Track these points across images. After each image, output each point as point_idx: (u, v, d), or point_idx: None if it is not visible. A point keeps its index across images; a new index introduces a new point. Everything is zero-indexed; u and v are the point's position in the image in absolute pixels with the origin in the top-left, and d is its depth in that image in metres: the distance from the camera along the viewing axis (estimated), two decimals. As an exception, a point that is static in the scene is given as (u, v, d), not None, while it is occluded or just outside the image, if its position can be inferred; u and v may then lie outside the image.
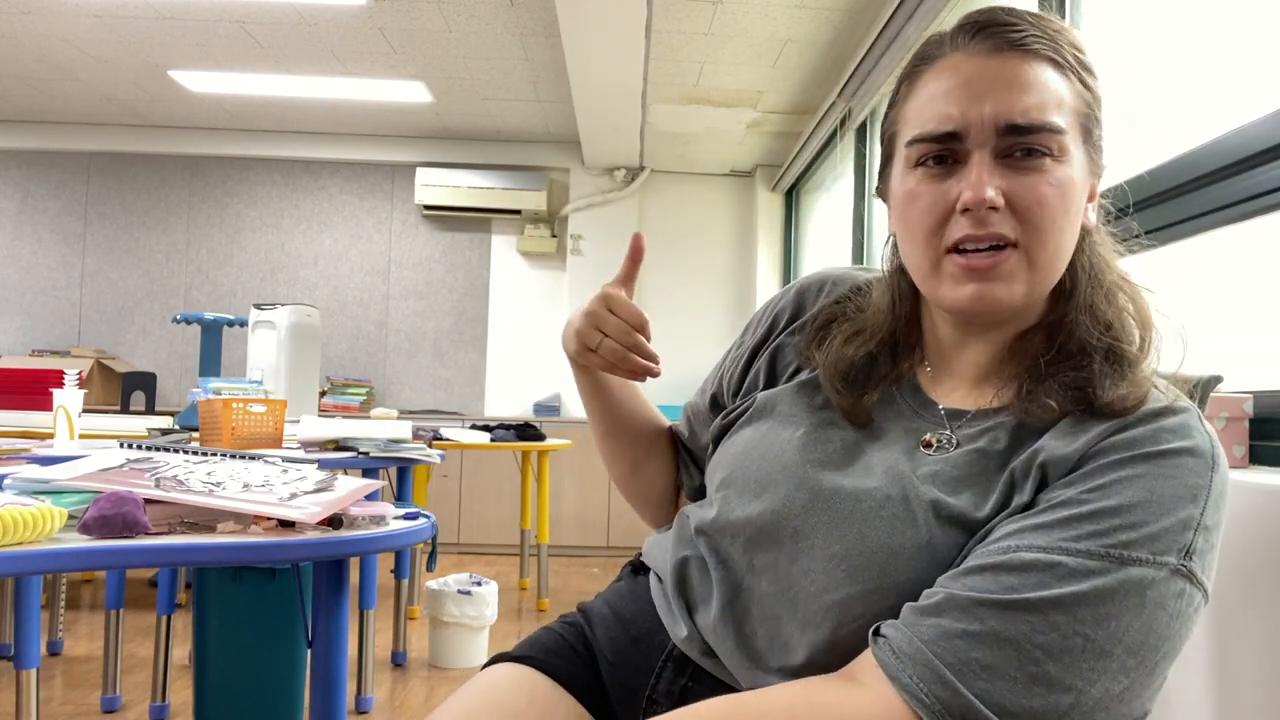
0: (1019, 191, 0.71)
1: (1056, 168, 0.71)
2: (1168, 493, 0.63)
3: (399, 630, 3.09)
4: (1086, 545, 0.62)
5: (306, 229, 5.94)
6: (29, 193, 5.87)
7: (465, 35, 4.21)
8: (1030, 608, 0.60)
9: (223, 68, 4.74)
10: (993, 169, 0.71)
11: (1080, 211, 0.75)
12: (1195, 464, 0.65)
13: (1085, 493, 0.64)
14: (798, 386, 0.86)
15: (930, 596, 0.65)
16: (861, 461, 0.77)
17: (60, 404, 2.19)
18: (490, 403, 5.91)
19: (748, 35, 4.01)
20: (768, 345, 0.93)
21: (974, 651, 0.60)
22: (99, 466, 1.24)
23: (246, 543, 1.11)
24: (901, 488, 0.73)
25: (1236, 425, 1.31)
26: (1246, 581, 1.11)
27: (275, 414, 2.44)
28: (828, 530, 0.73)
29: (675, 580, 0.85)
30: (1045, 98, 0.71)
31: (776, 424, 0.83)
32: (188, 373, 5.78)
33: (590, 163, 5.75)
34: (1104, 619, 0.60)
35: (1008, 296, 0.72)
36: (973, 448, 0.73)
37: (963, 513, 0.69)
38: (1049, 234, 0.71)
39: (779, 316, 0.94)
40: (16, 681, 1.67)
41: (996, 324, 0.78)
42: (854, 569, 0.70)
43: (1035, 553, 0.62)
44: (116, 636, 2.47)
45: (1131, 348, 0.73)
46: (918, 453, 0.76)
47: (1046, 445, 0.69)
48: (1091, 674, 0.59)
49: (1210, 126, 1.47)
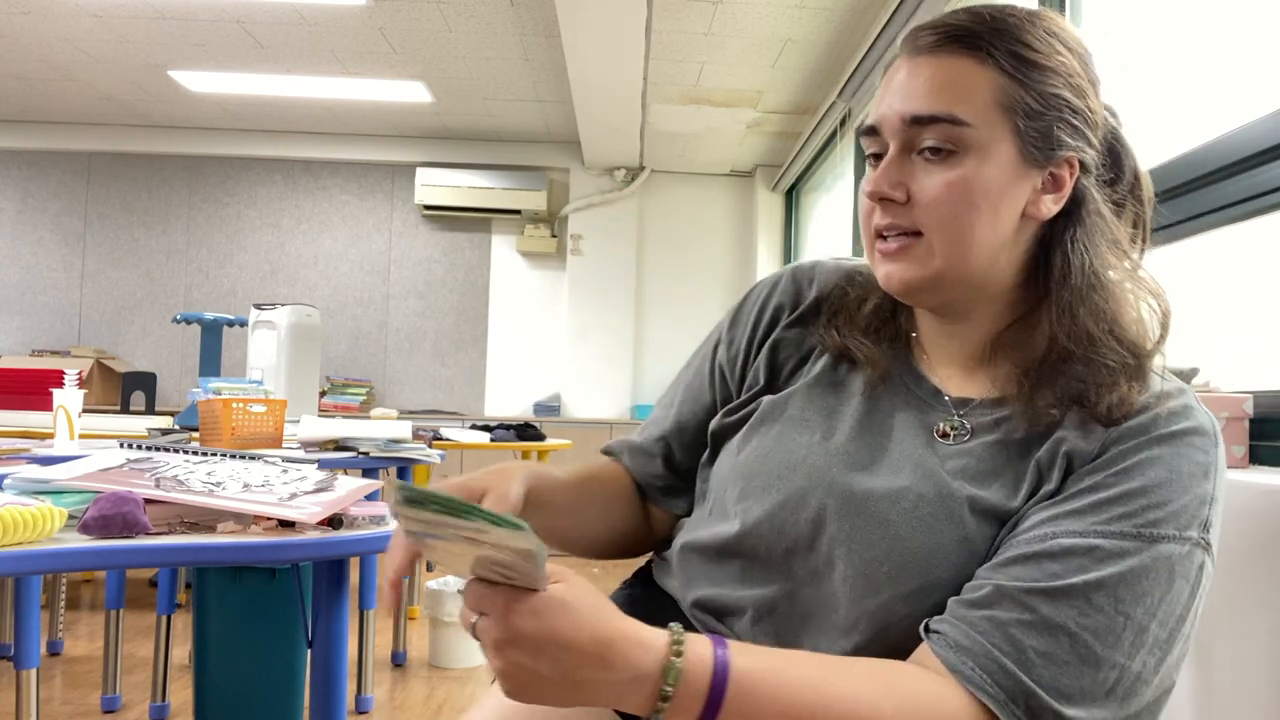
0: (920, 186, 0.74)
1: (962, 163, 0.73)
2: (1184, 471, 0.68)
3: (399, 630, 3.09)
4: (1119, 527, 0.65)
5: (306, 229, 5.94)
6: (29, 193, 5.87)
7: (465, 35, 4.21)
8: (1075, 593, 0.63)
9: (223, 68, 4.74)
10: (902, 163, 0.75)
11: (1004, 203, 0.74)
12: (1203, 442, 0.70)
13: (1110, 477, 0.68)
14: (807, 388, 0.85)
15: (977, 590, 0.67)
16: (887, 459, 0.77)
17: (60, 404, 2.19)
18: (490, 403, 5.91)
19: (748, 35, 4.01)
20: (767, 340, 0.90)
21: (1030, 639, 0.63)
22: (99, 466, 1.25)
23: (246, 543, 1.11)
24: (934, 485, 0.73)
25: (1236, 425, 1.31)
26: (1247, 581, 1.11)
27: (275, 414, 2.44)
28: (866, 534, 0.73)
29: (695, 603, 0.82)
30: (950, 93, 0.73)
31: (789, 428, 0.82)
32: (188, 373, 5.77)
33: (590, 163, 5.75)
34: (1140, 596, 0.64)
35: (913, 276, 0.75)
36: (992, 439, 0.75)
37: (997, 505, 0.71)
38: (948, 225, 0.73)
39: (780, 310, 0.91)
40: (16, 681, 1.67)
41: (963, 315, 0.79)
42: (895, 571, 0.71)
43: (1073, 538, 0.65)
44: (116, 636, 2.47)
45: (1122, 358, 0.72)
46: (936, 443, 0.77)
47: (1068, 436, 0.71)
48: (1133, 649, 0.63)
49: (1210, 127, 1.47)
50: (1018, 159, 0.74)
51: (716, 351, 0.94)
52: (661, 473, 0.94)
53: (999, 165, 0.74)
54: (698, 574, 0.83)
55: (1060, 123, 0.75)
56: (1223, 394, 1.35)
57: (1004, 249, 0.76)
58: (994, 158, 0.73)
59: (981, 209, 0.73)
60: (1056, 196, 0.76)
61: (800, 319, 0.90)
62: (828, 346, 0.86)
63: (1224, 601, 1.15)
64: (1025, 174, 0.75)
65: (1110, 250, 0.77)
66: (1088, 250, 0.76)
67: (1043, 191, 0.76)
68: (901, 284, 0.76)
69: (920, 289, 0.76)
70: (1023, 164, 0.74)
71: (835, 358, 0.86)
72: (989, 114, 0.73)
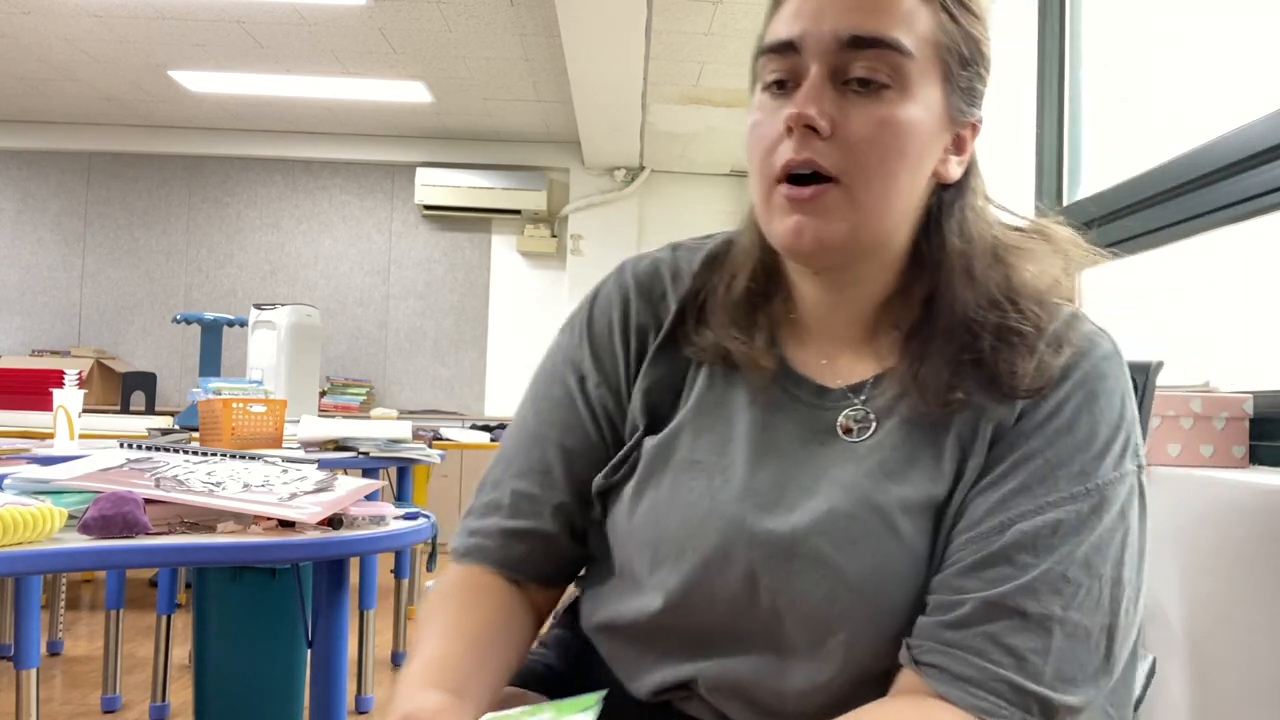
0: (847, 122, 0.64)
1: (896, 102, 0.65)
2: (1106, 406, 0.66)
3: (399, 630, 3.08)
4: (1069, 490, 0.64)
5: (306, 229, 5.94)
6: (29, 193, 5.87)
7: (465, 35, 4.21)
8: (1053, 578, 0.62)
9: (223, 68, 4.74)
10: (826, 91, 0.64)
11: (925, 157, 0.67)
12: (1110, 365, 0.68)
13: (1042, 440, 0.65)
14: (690, 419, 0.73)
15: (957, 606, 0.63)
16: (798, 483, 0.69)
17: (60, 404, 2.18)
18: (490, 403, 5.91)
19: (748, 35, 4.00)
20: (639, 374, 0.76)
21: (1027, 642, 0.61)
22: (99, 466, 1.24)
23: (246, 543, 1.11)
24: (858, 497, 0.66)
25: (1236, 425, 1.31)
26: (1246, 580, 1.11)
27: (275, 414, 2.44)
28: (804, 578, 0.65)
29: (652, 692, 0.72)
30: (892, 15, 0.64)
31: (682, 476, 0.71)
32: (188, 373, 5.77)
33: (590, 163, 5.75)
34: (1108, 553, 0.63)
35: (828, 233, 0.65)
36: (897, 421, 0.69)
37: (927, 497, 0.66)
38: (874, 173, 0.65)
39: (644, 332, 0.77)
40: (16, 681, 1.67)
41: (854, 282, 0.71)
42: (847, 607, 0.65)
43: (1030, 519, 0.63)
44: (116, 636, 2.47)
45: (1022, 323, 0.67)
46: (842, 442, 0.70)
47: (986, 406, 0.67)
48: (1114, 604, 0.63)
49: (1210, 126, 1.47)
50: (942, 110, 0.67)
51: (585, 388, 0.77)
52: (569, 554, 0.77)
53: (927, 111, 0.66)
54: (634, 659, 0.73)
55: (979, 79, 0.69)
56: (1223, 394, 1.35)
57: (912, 209, 0.69)
58: (922, 102, 0.66)
59: (909, 158, 0.66)
60: (960, 159, 0.70)
61: (669, 338, 0.76)
62: (704, 353, 0.74)
63: (1224, 601, 1.15)
64: (944, 128, 0.68)
65: (991, 221, 0.73)
66: (981, 222, 0.71)
67: (950, 152, 0.70)
68: (815, 242, 0.66)
69: (832, 249, 0.66)
70: (945, 116, 0.68)
71: (711, 369, 0.74)
72: (926, 50, 0.66)
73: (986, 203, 0.73)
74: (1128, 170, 1.68)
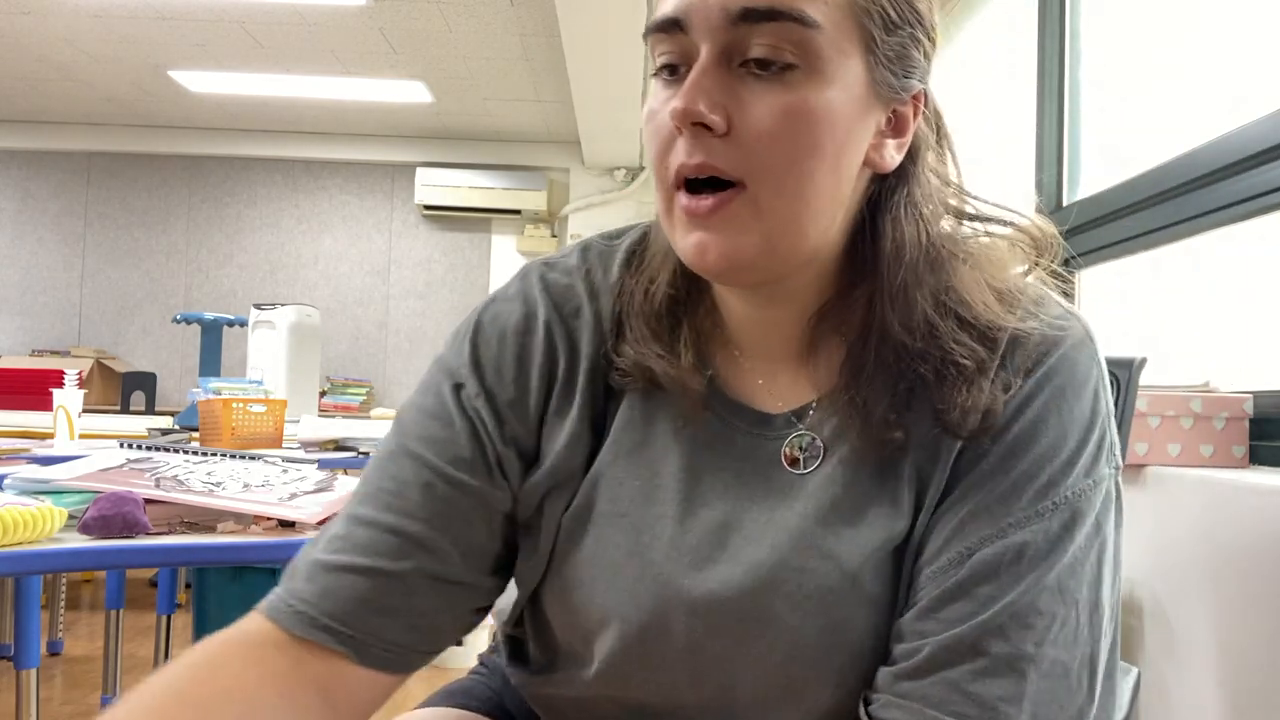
0: (745, 114, 0.54)
1: (804, 85, 0.53)
2: (1078, 404, 0.58)
3: (399, 630, 3.08)
4: (1037, 506, 0.55)
5: (306, 229, 5.94)
6: (29, 193, 5.87)
7: (465, 35, 4.21)
8: (1020, 611, 0.54)
9: (223, 68, 4.74)
10: (719, 77, 0.54)
11: (849, 147, 0.56)
12: (1082, 354, 0.59)
13: (1005, 455, 0.57)
14: (611, 462, 0.63)
15: (914, 653, 0.55)
16: (740, 533, 0.60)
17: (60, 404, 2.19)
18: (490, 403, 5.91)
19: (748, 35, 4.01)
20: (546, 412, 0.64)
21: (993, 689, 0.53)
22: (99, 466, 1.25)
23: (246, 543, 1.11)
24: (807, 546, 0.58)
25: (1236, 425, 1.31)
26: (1247, 581, 1.11)
27: (275, 414, 2.44)
28: (754, 644, 0.58)
29: None
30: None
31: (607, 530, 0.61)
32: (188, 373, 5.77)
33: (590, 163, 5.75)
34: (1085, 572, 0.56)
35: (736, 250, 0.55)
36: (849, 449, 0.60)
37: (885, 537, 0.58)
38: (784, 174, 0.54)
39: (552, 364, 0.64)
40: (16, 681, 1.67)
41: (784, 297, 0.61)
42: (805, 667, 0.58)
43: (991, 544, 0.55)
44: (116, 636, 2.46)
45: (974, 353, 0.57)
46: (786, 475, 0.61)
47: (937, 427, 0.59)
48: (1096, 630, 0.56)
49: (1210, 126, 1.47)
50: (866, 86, 0.56)
51: (483, 437, 0.62)
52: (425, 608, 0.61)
53: (846, 91, 0.55)
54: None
55: (914, 42, 0.58)
56: (1223, 394, 1.35)
57: (840, 208, 0.58)
58: (840, 80, 0.55)
59: (825, 151, 0.55)
60: (899, 142, 0.59)
61: (591, 372, 0.64)
62: (624, 376, 0.63)
63: (1224, 602, 1.15)
64: (871, 107, 0.57)
65: (945, 213, 0.63)
66: (923, 218, 0.60)
67: (885, 134, 0.59)
68: (722, 260, 0.55)
69: (744, 266, 0.56)
70: (871, 94, 0.56)
71: (630, 397, 0.64)
72: (839, 18, 0.54)
73: (943, 189, 0.63)
74: (1127, 170, 1.68)
